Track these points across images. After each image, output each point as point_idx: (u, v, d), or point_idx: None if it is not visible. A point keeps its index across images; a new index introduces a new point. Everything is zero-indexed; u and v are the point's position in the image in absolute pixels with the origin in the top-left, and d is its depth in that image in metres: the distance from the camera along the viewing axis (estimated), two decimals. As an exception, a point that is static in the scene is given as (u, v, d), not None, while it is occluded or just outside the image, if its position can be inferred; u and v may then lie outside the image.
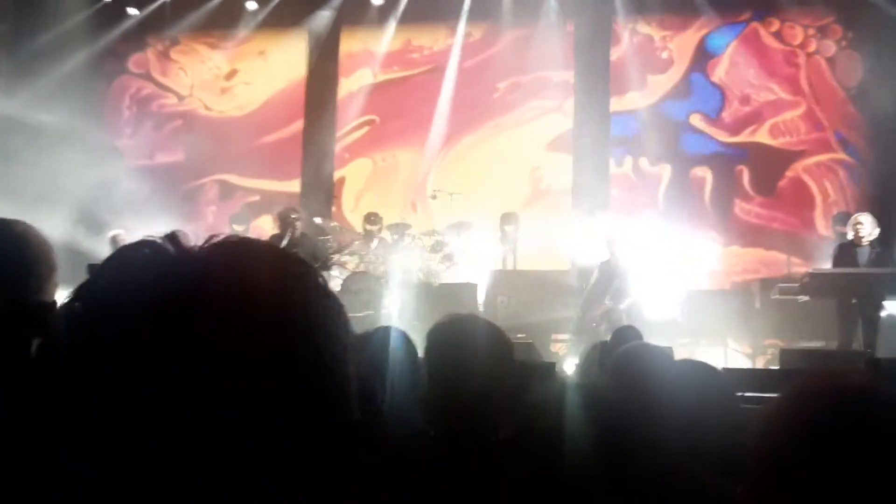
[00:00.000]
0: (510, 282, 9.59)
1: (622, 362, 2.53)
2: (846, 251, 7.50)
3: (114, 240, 9.55)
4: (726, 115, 11.15)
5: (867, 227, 7.34)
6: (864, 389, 1.00)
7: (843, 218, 7.98)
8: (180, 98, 12.67)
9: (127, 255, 0.68)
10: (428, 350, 1.74)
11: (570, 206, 11.12)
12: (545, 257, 10.54)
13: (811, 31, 11.00)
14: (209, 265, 0.67)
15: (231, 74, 12.50)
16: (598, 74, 11.36)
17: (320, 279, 0.72)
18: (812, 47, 11.01)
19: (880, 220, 7.90)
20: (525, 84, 11.63)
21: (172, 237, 0.69)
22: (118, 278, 0.66)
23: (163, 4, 12.09)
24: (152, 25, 12.30)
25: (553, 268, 10.39)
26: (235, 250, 0.70)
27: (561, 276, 9.68)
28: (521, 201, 11.30)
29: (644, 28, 11.50)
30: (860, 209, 8.77)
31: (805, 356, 6.11)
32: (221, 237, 0.71)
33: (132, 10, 12.18)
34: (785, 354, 4.95)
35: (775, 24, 11.15)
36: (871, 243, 7.34)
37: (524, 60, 11.63)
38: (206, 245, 0.69)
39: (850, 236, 7.48)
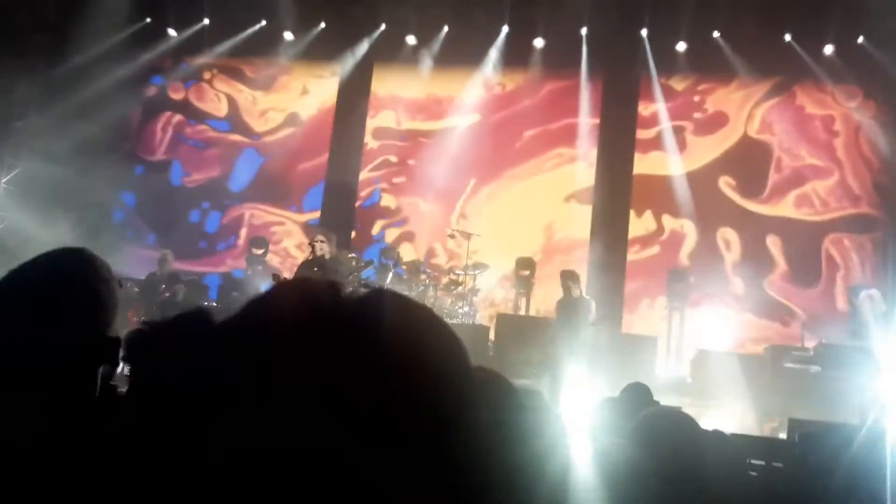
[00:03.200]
0: (517, 326, 9.55)
1: (648, 427, 2.53)
2: (854, 323, 7.49)
3: (163, 260, 9.66)
4: (757, 182, 11.17)
5: (867, 304, 7.34)
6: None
7: (857, 290, 7.95)
8: (214, 122, 12.85)
9: (282, 296, 0.71)
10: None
11: (588, 256, 11.10)
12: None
13: (846, 101, 11.04)
14: (358, 315, 0.69)
15: (264, 102, 12.70)
16: (625, 127, 11.45)
17: (466, 354, 0.74)
18: (846, 117, 11.06)
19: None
20: (551, 132, 11.75)
21: (332, 286, 0.72)
22: (273, 317, 0.69)
23: (202, 28, 12.36)
24: (191, 49, 12.54)
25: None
26: (383, 302, 0.72)
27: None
28: (539, 248, 11.34)
29: (678, 86, 11.60)
30: (880, 283, 8.76)
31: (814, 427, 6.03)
32: (370, 290, 0.74)
33: (172, 32, 12.43)
34: (794, 423, 4.91)
35: (811, 91, 11.20)
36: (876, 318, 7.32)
37: (551, 111, 11.79)
38: (357, 296, 0.72)
39: (858, 308, 7.49)
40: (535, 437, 2.74)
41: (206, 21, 12.35)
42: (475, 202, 11.85)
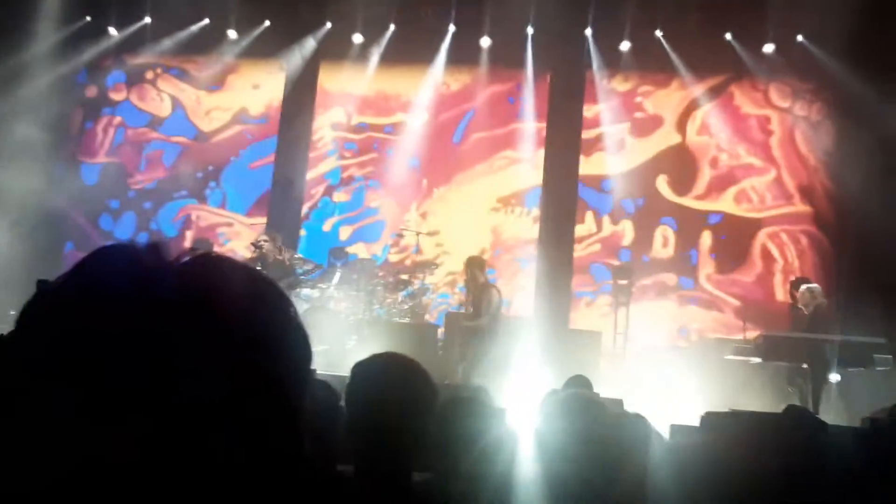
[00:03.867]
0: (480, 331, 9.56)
1: (562, 412, 2.57)
2: (794, 317, 7.68)
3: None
4: (694, 179, 11.38)
5: (808, 297, 7.54)
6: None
7: (798, 284, 8.16)
8: (156, 122, 12.58)
9: (108, 257, 0.69)
10: (350, 387, 1.74)
11: (536, 255, 11.22)
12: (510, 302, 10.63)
13: (786, 100, 11.32)
14: (184, 279, 0.68)
15: (209, 101, 12.49)
16: (570, 128, 11.56)
17: (293, 309, 0.73)
18: (786, 115, 11.33)
19: (837, 287, 8.12)
20: (498, 131, 11.81)
21: (154, 247, 0.70)
22: (95, 279, 0.67)
23: (143, 27, 12.11)
24: (132, 48, 12.27)
25: (514, 313, 10.47)
26: (212, 267, 0.71)
27: (519, 321, 9.72)
28: (488, 247, 11.40)
29: (621, 86, 11.75)
30: (819, 276, 9.00)
31: (731, 417, 6.07)
32: (200, 252, 0.72)
33: (112, 31, 12.17)
34: (707, 418, 4.98)
35: (749, 89, 11.46)
36: (812, 312, 7.52)
37: (498, 111, 11.85)
38: (185, 258, 0.70)
39: (797, 302, 7.68)
40: (481, 433, 2.76)
41: (148, 19, 12.09)
42: (428, 201, 11.84)
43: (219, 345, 0.65)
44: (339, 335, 8.86)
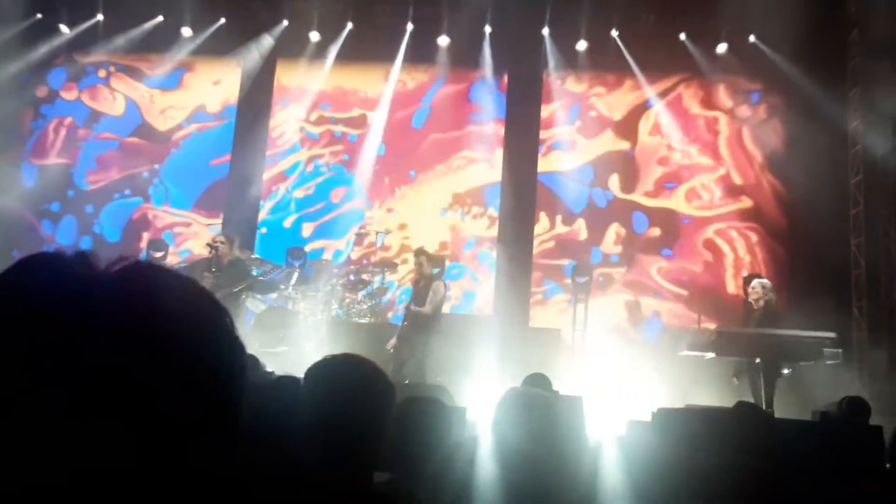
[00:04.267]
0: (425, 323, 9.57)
1: (516, 407, 2.60)
2: (746, 312, 7.84)
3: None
4: (644, 177, 11.54)
5: (758, 293, 7.70)
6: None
7: (750, 280, 8.32)
8: (111, 122, 12.29)
9: (31, 269, 0.67)
10: (304, 391, 1.73)
11: (495, 253, 11.29)
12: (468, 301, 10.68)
13: (737, 99, 11.53)
14: (111, 288, 0.67)
15: (163, 100, 12.29)
16: (528, 127, 11.64)
17: (227, 318, 0.72)
18: (736, 115, 11.55)
19: (789, 284, 8.32)
20: (456, 130, 11.84)
21: (82, 255, 0.69)
22: (19, 288, 0.66)
23: (95, 25, 11.87)
24: (84, 46, 12.02)
25: (474, 311, 10.52)
26: (141, 277, 0.70)
27: (479, 320, 9.77)
28: (447, 246, 11.43)
29: (575, 86, 11.85)
30: (769, 272, 9.20)
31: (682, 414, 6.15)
32: (131, 261, 0.71)
33: (64, 28, 11.91)
34: (659, 414, 5.05)
35: (700, 90, 11.66)
36: (766, 305, 7.69)
37: (457, 110, 11.88)
38: (114, 267, 0.69)
39: (748, 298, 7.86)
40: (441, 433, 2.77)
41: (100, 17, 11.86)
42: (390, 200, 11.81)
43: (149, 356, 0.64)
44: (298, 336, 8.79)
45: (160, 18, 11.81)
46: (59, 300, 0.64)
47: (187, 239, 11.87)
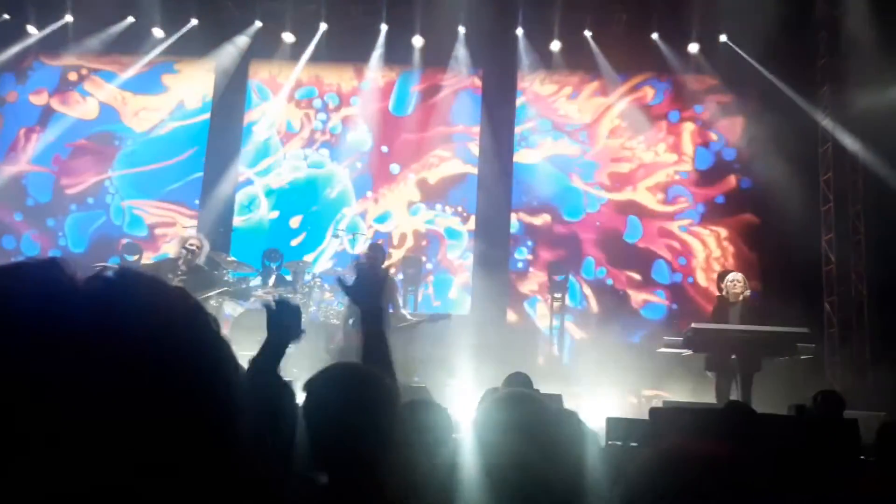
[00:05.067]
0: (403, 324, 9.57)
1: (502, 408, 2.61)
2: (721, 308, 7.88)
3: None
4: (608, 173, 11.64)
5: (741, 286, 7.75)
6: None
7: (724, 276, 8.40)
8: (83, 125, 12.08)
9: (9, 275, 0.66)
10: (307, 404, 1.71)
11: (473, 252, 11.32)
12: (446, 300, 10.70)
13: (705, 97, 11.66)
14: (85, 297, 0.65)
15: (135, 102, 12.14)
16: (503, 126, 11.68)
17: (210, 322, 0.71)
18: (704, 112, 11.68)
19: (760, 280, 8.44)
20: (432, 131, 11.85)
21: (55, 264, 0.67)
22: None
23: (65, 26, 11.70)
24: (53, 48, 11.83)
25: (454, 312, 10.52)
26: (117, 284, 0.68)
27: (457, 319, 9.78)
28: (426, 243, 11.44)
29: (545, 87, 11.91)
30: (742, 269, 9.30)
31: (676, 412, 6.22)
32: (108, 269, 0.69)
33: (32, 30, 11.74)
34: (655, 412, 5.10)
35: (671, 88, 11.78)
36: (744, 301, 7.76)
37: (432, 111, 11.90)
38: (91, 276, 0.68)
39: (724, 293, 7.90)
40: (424, 430, 2.78)
41: (70, 18, 11.70)
42: (365, 201, 11.79)
43: (130, 368, 0.62)
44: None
45: (131, 20, 11.67)
46: (30, 310, 0.62)
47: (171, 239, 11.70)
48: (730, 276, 7.95)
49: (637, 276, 11.19)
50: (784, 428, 4.27)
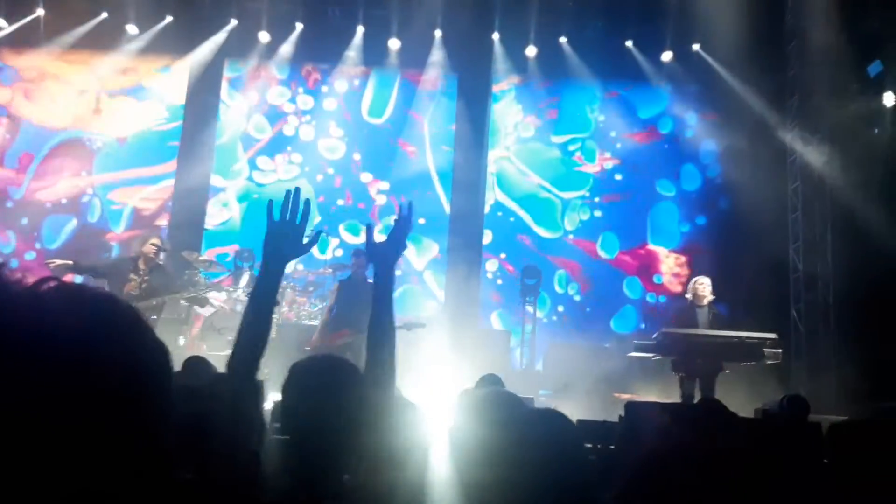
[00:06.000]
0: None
1: (483, 407, 2.62)
2: (687, 312, 7.99)
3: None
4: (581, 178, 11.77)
5: (707, 288, 7.89)
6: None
7: (693, 280, 8.48)
8: (50, 121, 11.91)
9: None
10: (286, 388, 1.71)
11: (447, 254, 11.33)
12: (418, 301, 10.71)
13: (677, 105, 11.82)
14: (22, 305, 0.66)
15: (108, 101, 11.97)
16: (478, 129, 11.72)
17: (147, 333, 0.72)
18: (676, 120, 11.84)
19: (730, 287, 8.53)
20: (407, 132, 11.87)
21: None
22: None
23: (35, 21, 11.51)
24: (22, 43, 11.59)
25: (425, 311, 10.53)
26: (52, 294, 0.68)
27: (429, 321, 9.77)
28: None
29: (523, 87, 11.99)
30: (711, 275, 9.42)
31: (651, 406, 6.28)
32: (42, 278, 0.69)
33: (2, 23, 11.54)
34: (630, 406, 5.15)
35: (642, 95, 11.92)
36: (710, 305, 7.90)
37: (409, 110, 11.91)
38: (29, 285, 0.68)
39: (690, 297, 8.02)
40: (397, 429, 2.78)
41: (41, 12, 11.49)
42: (342, 198, 11.76)
43: (59, 371, 0.63)
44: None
45: (104, 15, 11.53)
46: None
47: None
48: (696, 279, 8.08)
49: (608, 289, 11.34)
50: (750, 430, 4.34)
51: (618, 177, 11.75)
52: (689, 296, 8.05)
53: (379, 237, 2.24)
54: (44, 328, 0.65)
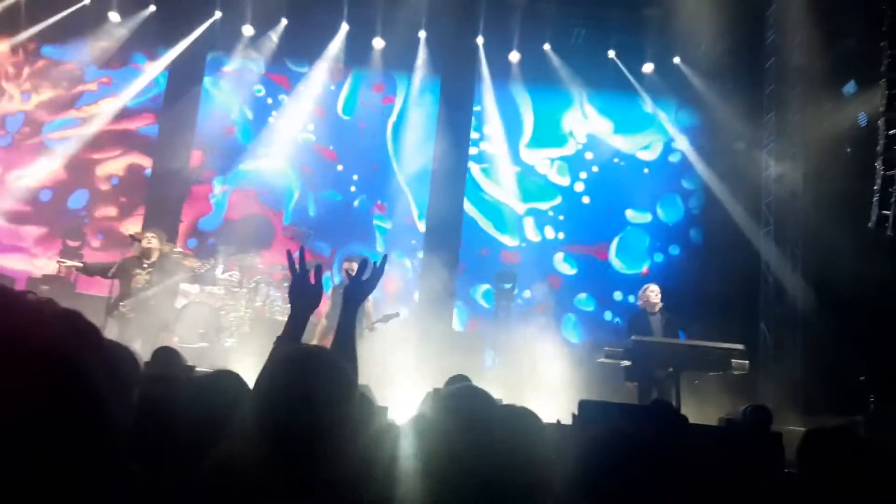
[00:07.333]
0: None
1: (451, 402, 2.65)
2: (641, 317, 8.16)
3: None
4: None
5: (658, 295, 8.07)
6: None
7: (647, 288, 8.59)
8: (32, 116, 11.79)
9: None
10: (260, 379, 1.71)
11: (422, 255, 11.36)
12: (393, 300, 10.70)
13: (656, 116, 11.95)
14: None
15: (87, 89, 11.86)
16: (459, 132, 11.76)
17: (97, 338, 0.75)
18: (654, 131, 11.97)
19: (701, 297, 8.64)
20: (387, 136, 11.89)
21: None
22: None
23: (16, 5, 11.36)
24: (2, 29, 11.49)
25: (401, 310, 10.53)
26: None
27: (403, 322, 9.78)
28: (376, 247, 11.46)
29: (503, 91, 12.06)
30: (683, 286, 9.54)
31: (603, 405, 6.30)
32: None
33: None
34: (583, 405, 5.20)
35: (622, 104, 12.04)
36: (662, 311, 8.07)
37: (385, 113, 11.93)
38: None
39: (641, 304, 8.20)
40: (364, 428, 2.79)
41: (22, -5, 11.39)
42: (317, 192, 11.75)
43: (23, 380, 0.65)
44: (219, 332, 8.66)
45: (86, 1, 11.42)
46: None
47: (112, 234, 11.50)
48: (646, 286, 8.25)
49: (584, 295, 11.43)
50: (708, 437, 4.41)
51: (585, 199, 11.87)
52: (640, 303, 8.24)
53: (366, 274, 2.56)
54: None
